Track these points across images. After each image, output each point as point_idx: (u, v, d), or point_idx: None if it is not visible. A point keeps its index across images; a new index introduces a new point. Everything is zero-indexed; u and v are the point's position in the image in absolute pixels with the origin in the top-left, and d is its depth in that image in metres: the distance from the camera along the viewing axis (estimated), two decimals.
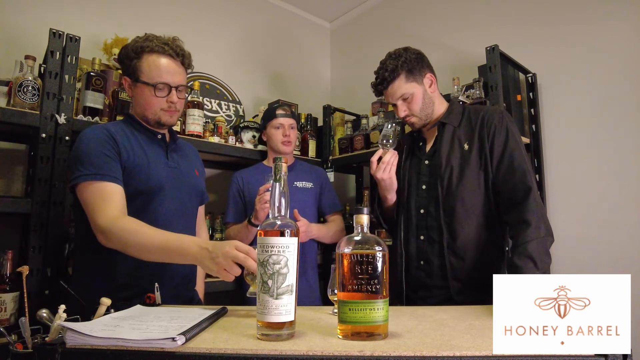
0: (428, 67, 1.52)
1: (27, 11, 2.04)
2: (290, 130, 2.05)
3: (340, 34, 3.45)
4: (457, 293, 1.37)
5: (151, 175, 1.32)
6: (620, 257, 1.79)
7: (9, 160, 1.91)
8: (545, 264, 1.23)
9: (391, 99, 1.50)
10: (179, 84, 1.37)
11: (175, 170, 1.41)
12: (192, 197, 1.47)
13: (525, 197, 1.29)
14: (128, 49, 1.37)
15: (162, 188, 1.34)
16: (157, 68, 1.34)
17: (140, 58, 1.34)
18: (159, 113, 1.37)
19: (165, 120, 1.38)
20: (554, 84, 2.09)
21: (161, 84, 1.34)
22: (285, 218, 0.83)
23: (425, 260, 1.44)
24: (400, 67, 1.45)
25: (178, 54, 1.37)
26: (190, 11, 2.66)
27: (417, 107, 1.48)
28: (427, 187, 1.48)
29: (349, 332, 0.77)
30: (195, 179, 1.50)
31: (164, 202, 1.34)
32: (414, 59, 1.48)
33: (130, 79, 1.37)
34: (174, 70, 1.36)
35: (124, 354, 0.71)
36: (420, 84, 1.48)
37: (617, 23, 1.90)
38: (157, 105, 1.35)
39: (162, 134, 1.43)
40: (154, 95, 1.34)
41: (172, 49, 1.36)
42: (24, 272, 0.97)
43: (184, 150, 1.53)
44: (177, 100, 1.37)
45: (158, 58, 1.35)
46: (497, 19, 2.34)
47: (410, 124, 1.53)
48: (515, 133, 1.39)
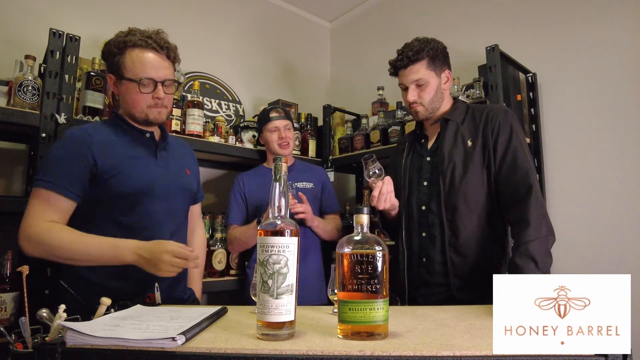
0: (448, 65, 1.52)
1: (27, 11, 2.04)
2: (287, 131, 2.04)
3: (340, 34, 3.45)
4: (457, 290, 1.37)
5: (135, 176, 1.29)
6: (620, 257, 1.79)
7: (9, 160, 1.91)
8: (546, 264, 1.23)
9: (405, 81, 1.47)
10: (164, 78, 1.32)
11: (164, 169, 1.37)
12: (182, 196, 1.43)
13: (527, 195, 1.29)
14: (111, 45, 1.31)
15: (149, 188, 1.31)
16: (141, 63, 1.29)
17: (123, 54, 1.30)
18: (145, 110, 1.32)
19: (153, 118, 1.34)
20: (554, 84, 2.09)
21: (146, 80, 1.29)
22: (285, 218, 0.83)
23: (427, 257, 1.44)
24: (426, 52, 1.44)
25: (162, 47, 1.32)
26: (191, 11, 2.66)
27: (428, 97, 1.46)
28: (429, 183, 1.48)
29: (349, 332, 0.77)
30: (185, 178, 1.46)
31: (151, 203, 1.31)
32: (441, 50, 1.48)
33: (115, 76, 1.33)
34: (159, 65, 1.31)
35: (124, 353, 0.71)
36: (438, 77, 1.47)
37: (617, 23, 1.90)
38: (144, 102, 1.31)
39: (150, 133, 1.38)
40: (139, 92, 1.29)
41: (155, 42, 1.30)
42: (24, 272, 0.97)
43: (175, 149, 1.49)
44: (163, 95, 1.32)
45: (141, 53, 1.29)
46: (497, 19, 2.34)
47: (413, 112, 1.51)
48: (519, 131, 1.39)
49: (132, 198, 1.28)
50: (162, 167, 1.38)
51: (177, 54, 1.39)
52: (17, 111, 1.54)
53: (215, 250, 2.10)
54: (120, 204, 1.27)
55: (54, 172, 1.22)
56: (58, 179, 1.21)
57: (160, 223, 1.32)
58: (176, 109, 2.01)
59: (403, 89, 1.51)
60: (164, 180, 1.35)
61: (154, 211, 1.32)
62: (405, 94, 1.50)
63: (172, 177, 1.39)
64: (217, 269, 2.09)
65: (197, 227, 1.65)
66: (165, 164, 1.39)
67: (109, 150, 1.28)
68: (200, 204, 1.66)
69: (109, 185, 1.25)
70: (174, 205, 1.38)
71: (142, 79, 1.28)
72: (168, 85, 1.35)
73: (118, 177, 1.26)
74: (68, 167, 1.23)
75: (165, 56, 1.34)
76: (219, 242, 2.13)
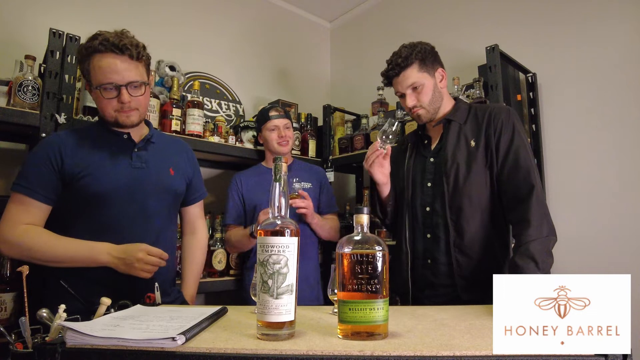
0: (440, 63, 1.52)
1: (27, 11, 2.04)
2: (286, 130, 2.04)
3: (340, 34, 3.45)
4: (463, 291, 1.37)
5: (104, 177, 1.29)
6: (620, 257, 1.79)
7: (9, 160, 1.91)
8: (547, 264, 1.22)
9: (400, 88, 1.47)
10: (128, 81, 1.28)
11: (139, 170, 1.36)
12: (160, 197, 1.40)
13: (528, 195, 1.29)
14: (78, 52, 1.32)
15: (119, 189, 1.30)
16: (101, 69, 1.26)
17: (88, 60, 1.29)
18: (114, 115, 1.31)
19: (122, 121, 1.32)
20: (554, 84, 2.09)
21: (107, 85, 1.27)
22: (285, 218, 0.83)
23: (431, 258, 1.44)
24: (415, 55, 1.44)
25: (122, 48, 1.27)
26: (191, 11, 2.66)
27: (426, 98, 1.46)
28: (433, 184, 1.48)
29: (349, 332, 0.77)
30: (167, 179, 1.43)
31: (123, 203, 1.31)
32: (429, 51, 1.47)
33: (88, 83, 1.33)
34: (121, 68, 1.27)
35: (124, 353, 0.71)
36: (432, 77, 1.47)
37: (617, 23, 1.90)
38: (110, 107, 1.30)
39: (127, 134, 1.37)
40: (103, 98, 1.29)
41: (113, 45, 1.26)
42: (24, 272, 0.97)
43: (161, 148, 1.46)
44: (129, 99, 1.29)
45: (102, 58, 1.26)
46: (497, 19, 2.34)
47: (416, 116, 1.50)
48: (521, 131, 1.39)
49: (102, 199, 1.29)
50: (137, 167, 1.36)
51: (144, 53, 1.34)
52: (17, 111, 1.54)
53: (215, 250, 2.10)
54: (93, 205, 1.28)
55: (28, 176, 1.27)
56: (30, 183, 1.25)
57: (134, 224, 1.32)
58: (176, 109, 2.01)
59: (400, 96, 1.51)
60: (136, 180, 1.34)
61: (127, 212, 1.31)
62: (404, 101, 1.49)
63: (148, 178, 1.37)
64: (217, 269, 2.09)
65: (198, 227, 1.63)
66: (141, 164, 1.37)
67: (79, 152, 1.31)
68: (201, 205, 1.64)
69: (80, 187, 1.28)
70: (149, 205, 1.36)
71: (103, 85, 1.28)
72: (136, 87, 1.31)
73: (87, 178, 1.28)
74: (38, 171, 1.27)
75: (127, 57, 1.29)
76: (218, 242, 2.13)
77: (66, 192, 1.29)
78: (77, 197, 1.28)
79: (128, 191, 1.32)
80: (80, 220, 1.30)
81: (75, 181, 1.27)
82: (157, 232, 1.38)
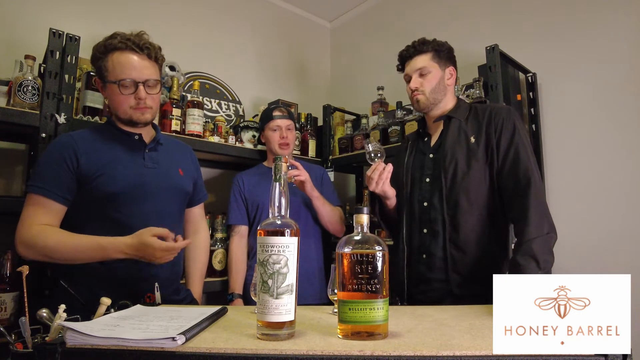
0: (453, 63, 1.56)
1: (27, 11, 2.04)
2: (288, 131, 2.04)
3: (340, 34, 3.45)
4: (457, 286, 1.37)
5: (119, 176, 1.30)
6: (620, 257, 1.79)
7: (9, 160, 1.91)
8: (548, 263, 1.23)
9: (409, 70, 1.52)
10: (146, 78, 1.32)
11: (152, 170, 1.37)
12: (173, 197, 1.43)
13: (528, 193, 1.29)
14: (95, 50, 1.34)
15: (134, 189, 1.31)
16: (120, 64, 1.30)
17: (106, 57, 1.31)
18: (129, 112, 1.33)
19: (136, 119, 1.34)
20: (554, 84, 2.09)
21: (126, 81, 1.30)
22: (285, 218, 0.83)
23: (427, 253, 1.44)
24: (432, 46, 1.51)
25: (142, 47, 1.32)
26: (190, 11, 2.66)
27: (429, 85, 1.49)
28: (431, 180, 1.49)
29: (349, 332, 0.77)
30: (178, 179, 1.45)
31: (138, 203, 1.31)
32: (446, 47, 1.54)
33: (101, 80, 1.35)
34: (140, 65, 1.32)
35: (124, 353, 0.71)
36: (442, 70, 1.51)
37: (617, 23, 1.90)
38: (126, 103, 1.32)
39: (138, 135, 1.39)
40: (120, 93, 1.31)
41: (134, 43, 1.31)
42: (24, 272, 0.97)
43: (169, 150, 1.49)
44: (145, 95, 1.32)
45: (121, 54, 1.31)
46: (497, 19, 2.34)
47: (415, 101, 1.53)
48: (521, 130, 1.40)
49: (117, 199, 1.29)
50: (150, 167, 1.38)
51: (160, 54, 1.40)
52: (17, 111, 1.54)
53: (215, 250, 2.10)
54: (107, 205, 1.28)
55: (42, 177, 1.26)
56: (46, 183, 1.25)
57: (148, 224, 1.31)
58: (176, 109, 2.00)
59: (407, 80, 1.54)
60: (150, 180, 1.36)
61: (141, 212, 1.32)
62: (409, 84, 1.52)
63: (161, 178, 1.39)
64: (217, 269, 2.09)
65: (200, 228, 1.65)
66: (154, 165, 1.39)
67: (93, 153, 1.31)
68: (202, 206, 1.66)
69: (95, 187, 1.28)
70: (162, 206, 1.38)
71: (122, 80, 1.30)
72: (151, 86, 1.35)
73: (102, 178, 1.28)
74: (54, 172, 1.26)
75: (146, 56, 1.34)
76: (219, 242, 2.13)
77: (80, 192, 1.29)
78: (91, 196, 1.28)
79: (142, 191, 1.33)
80: (93, 219, 1.29)
81: (91, 181, 1.28)
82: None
